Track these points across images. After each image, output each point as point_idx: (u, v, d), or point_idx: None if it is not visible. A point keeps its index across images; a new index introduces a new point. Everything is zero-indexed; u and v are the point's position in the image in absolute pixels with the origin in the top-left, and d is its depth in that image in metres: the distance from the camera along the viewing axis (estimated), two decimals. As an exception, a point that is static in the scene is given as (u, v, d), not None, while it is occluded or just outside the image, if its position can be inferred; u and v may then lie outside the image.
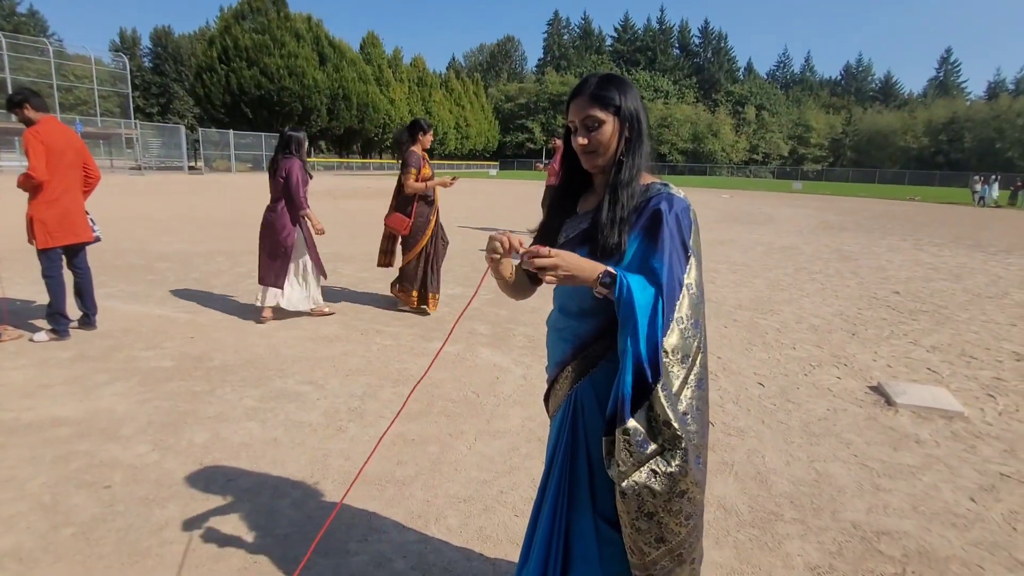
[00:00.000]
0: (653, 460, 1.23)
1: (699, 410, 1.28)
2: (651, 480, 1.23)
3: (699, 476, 1.28)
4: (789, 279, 7.76)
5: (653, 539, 1.28)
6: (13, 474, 2.62)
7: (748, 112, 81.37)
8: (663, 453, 1.24)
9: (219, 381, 3.75)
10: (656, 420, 1.23)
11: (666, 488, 1.24)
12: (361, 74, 49.68)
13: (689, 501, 1.27)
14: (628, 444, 1.22)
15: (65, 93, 41.33)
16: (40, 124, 4.14)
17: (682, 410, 1.25)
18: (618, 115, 1.35)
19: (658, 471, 1.23)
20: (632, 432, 1.22)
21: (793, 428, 3.34)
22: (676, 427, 1.22)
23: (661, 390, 1.22)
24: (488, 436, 3.12)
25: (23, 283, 5.69)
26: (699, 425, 1.28)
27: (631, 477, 1.23)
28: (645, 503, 1.24)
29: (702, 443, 1.29)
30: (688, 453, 1.24)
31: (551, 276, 1.23)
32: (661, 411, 1.22)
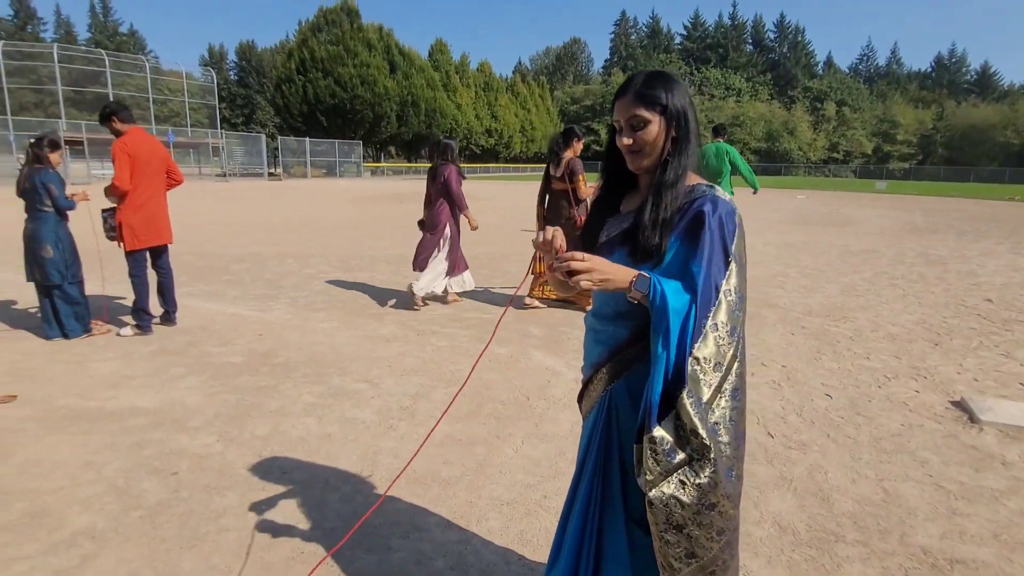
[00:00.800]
0: (681, 470, 1.19)
1: (733, 421, 1.22)
2: (679, 491, 1.19)
3: (731, 489, 1.22)
4: (866, 284, 7.31)
5: (683, 554, 1.23)
6: (94, 458, 2.83)
7: (828, 108, 77.38)
8: (692, 463, 1.19)
9: (283, 377, 3.92)
10: (683, 429, 1.19)
11: (695, 500, 1.19)
12: (429, 81, 50.82)
13: (720, 515, 1.22)
14: (655, 453, 1.19)
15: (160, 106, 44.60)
16: (126, 135, 4.48)
17: (713, 420, 1.20)
18: (664, 114, 1.32)
19: (687, 482, 1.19)
20: (659, 441, 1.19)
21: (862, 443, 3.14)
22: (704, 437, 1.17)
23: (687, 397, 1.18)
24: (536, 439, 3.11)
25: (114, 282, 6.16)
26: (732, 437, 1.22)
27: (659, 487, 1.19)
28: (673, 514, 1.20)
29: (736, 455, 1.23)
30: (719, 465, 1.19)
31: (585, 281, 1.21)
32: (688, 420, 1.18)
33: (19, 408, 3.39)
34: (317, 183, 33.47)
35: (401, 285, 6.80)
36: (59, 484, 2.61)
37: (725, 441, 1.21)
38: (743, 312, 1.27)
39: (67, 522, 2.34)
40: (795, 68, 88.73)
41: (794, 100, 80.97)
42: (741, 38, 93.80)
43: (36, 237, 4.55)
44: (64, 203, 4.57)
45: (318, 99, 42.86)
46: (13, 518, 2.36)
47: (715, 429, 1.20)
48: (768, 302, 6.23)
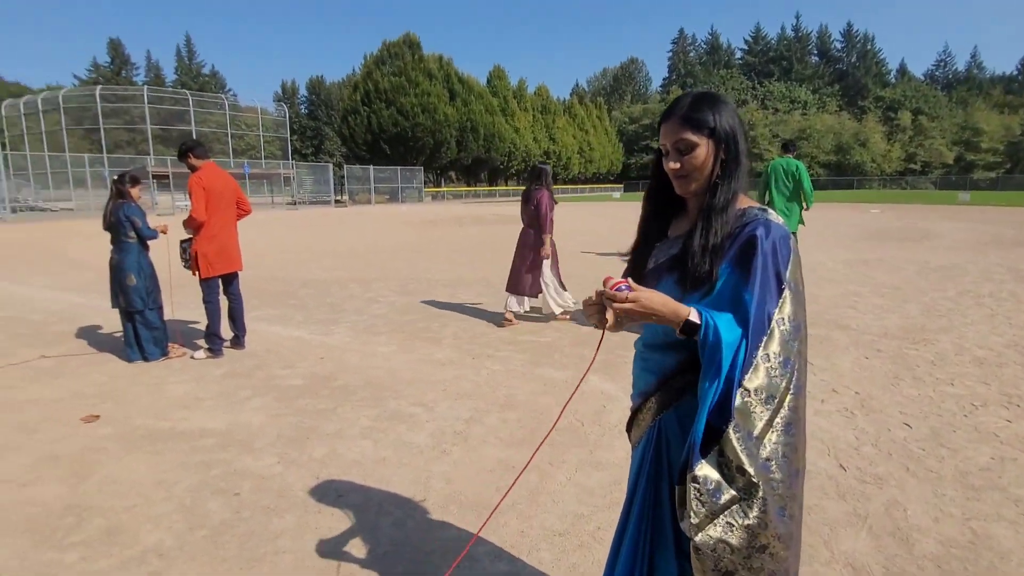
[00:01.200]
0: (728, 511, 1.13)
1: (786, 457, 1.15)
2: (727, 534, 1.12)
3: (783, 530, 1.14)
4: (949, 303, 6.82)
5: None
6: (165, 477, 2.97)
7: (902, 118, 73.57)
8: (739, 503, 1.13)
9: (341, 400, 4.02)
10: (728, 466, 1.13)
11: (744, 543, 1.12)
12: (488, 106, 51.88)
13: (772, 557, 1.14)
14: (699, 493, 1.13)
15: (237, 140, 47.40)
16: (202, 170, 4.77)
17: (764, 456, 1.13)
18: (712, 136, 1.29)
19: (735, 523, 1.12)
20: (702, 480, 1.13)
21: (946, 478, 2.89)
22: (751, 473, 1.11)
23: (733, 432, 1.12)
24: (590, 467, 3.04)
25: (189, 308, 6.53)
26: (785, 473, 1.15)
27: (705, 531, 1.13)
28: (722, 559, 1.13)
29: (789, 494, 1.16)
30: (768, 503, 1.12)
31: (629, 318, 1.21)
32: (733, 456, 1.12)
33: (102, 427, 3.61)
34: (380, 209, 34.59)
35: (458, 308, 6.88)
36: (133, 502, 2.75)
37: (777, 479, 1.14)
38: (800, 342, 1.20)
39: (139, 539, 2.46)
40: (865, 77, 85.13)
41: (865, 111, 77.54)
42: (806, 49, 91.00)
43: (121, 267, 4.88)
44: (148, 232, 4.91)
45: (381, 128, 44.48)
46: (91, 534, 2.50)
47: (766, 465, 1.13)
48: (839, 323, 5.91)
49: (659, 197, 1.46)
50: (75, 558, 2.33)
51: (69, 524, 2.57)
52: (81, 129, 40.44)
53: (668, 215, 1.47)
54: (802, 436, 1.20)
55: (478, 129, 49.55)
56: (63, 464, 3.13)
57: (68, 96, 37.93)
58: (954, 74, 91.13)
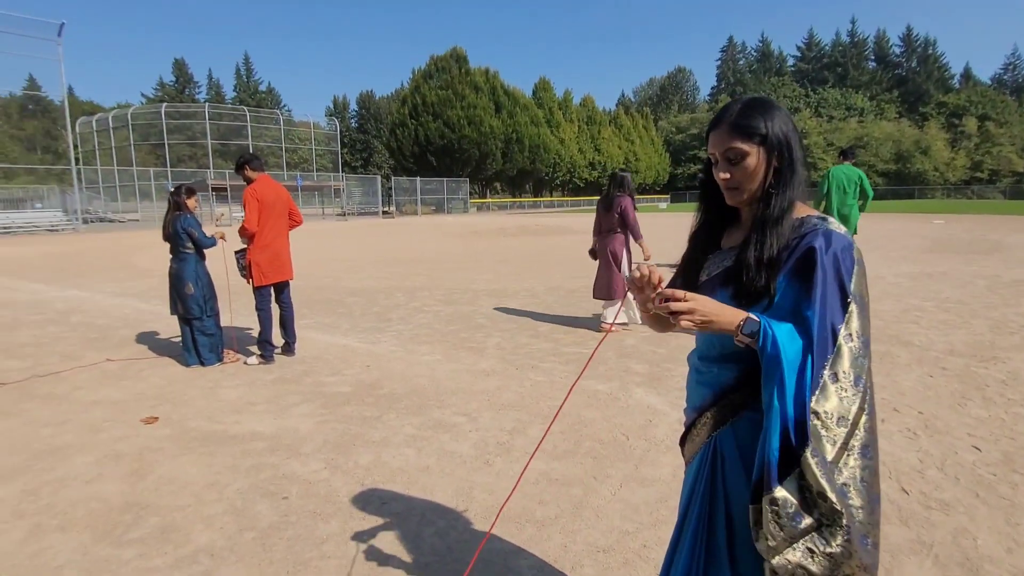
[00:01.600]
0: (808, 537, 1.07)
1: (864, 482, 1.09)
2: (807, 560, 1.07)
3: (868, 560, 1.08)
4: (1022, 320, 6.41)
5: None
6: (217, 479, 3.07)
7: (968, 124, 70.11)
8: (820, 529, 1.07)
9: (386, 408, 4.07)
10: (809, 491, 1.08)
11: (826, 571, 1.06)
12: (533, 118, 52.18)
13: None
14: (777, 516, 1.08)
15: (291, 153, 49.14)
16: (257, 182, 4.96)
17: (841, 481, 1.08)
18: (764, 144, 1.24)
19: (816, 550, 1.06)
20: (781, 503, 1.08)
21: (1020, 506, 2.70)
22: (834, 500, 1.05)
23: (811, 456, 1.07)
24: (635, 483, 2.97)
25: (243, 315, 6.76)
26: (865, 500, 1.09)
27: (783, 554, 1.08)
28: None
29: (870, 520, 1.09)
30: (852, 531, 1.06)
31: (686, 321, 1.15)
32: (814, 481, 1.07)
33: (160, 428, 3.76)
34: (426, 219, 35.14)
35: (502, 319, 6.89)
36: (187, 502, 2.84)
37: (857, 505, 1.08)
38: (868, 359, 1.14)
39: (191, 539, 2.53)
40: (926, 83, 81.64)
41: (927, 117, 74.25)
42: (862, 55, 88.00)
43: (179, 276, 5.10)
44: (206, 241, 5.13)
45: (428, 140, 45.30)
46: (147, 532, 2.59)
47: (844, 491, 1.07)
48: (902, 340, 5.64)
49: (711, 206, 1.42)
50: (132, 555, 2.42)
51: (128, 522, 2.68)
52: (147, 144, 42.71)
53: (721, 225, 1.42)
54: (879, 460, 1.14)
55: (523, 140, 49.86)
56: (124, 463, 3.27)
57: (136, 113, 40.24)
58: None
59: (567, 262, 12.64)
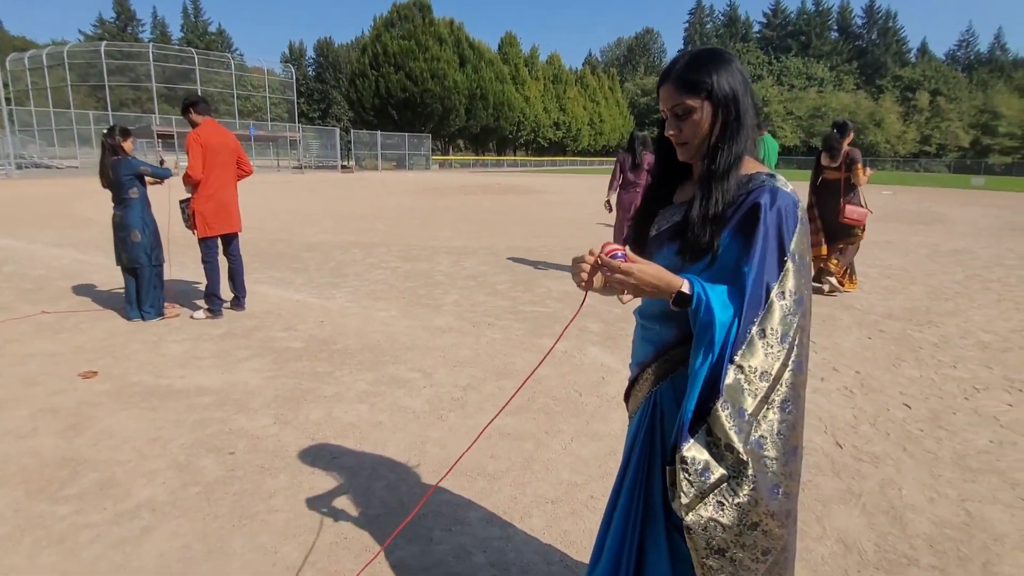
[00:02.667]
0: (719, 490, 1.10)
1: (781, 435, 1.11)
2: (718, 512, 1.09)
3: (776, 507, 1.11)
4: (957, 287, 6.74)
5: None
6: (160, 434, 2.98)
7: (920, 99, 72.13)
8: (729, 481, 1.10)
9: (339, 363, 4.01)
10: (717, 444, 1.10)
11: (735, 520, 1.09)
12: (498, 74, 51.01)
13: (764, 535, 1.12)
14: (687, 473, 1.10)
15: (244, 101, 46.93)
16: (201, 127, 4.69)
17: (759, 434, 1.10)
18: (710, 98, 1.20)
19: (725, 502, 1.09)
20: (690, 461, 1.10)
21: (943, 460, 2.87)
22: (740, 451, 1.08)
23: (721, 409, 1.09)
24: (586, 437, 3.03)
25: (191, 268, 6.50)
26: (780, 452, 1.11)
27: (696, 510, 1.10)
28: (714, 538, 1.10)
29: (785, 472, 1.12)
30: (759, 481, 1.09)
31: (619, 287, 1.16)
32: (722, 434, 1.09)
33: (99, 383, 3.62)
34: (387, 175, 34.34)
35: (461, 276, 6.83)
36: (128, 457, 2.75)
37: (771, 456, 1.10)
38: (802, 317, 1.15)
39: (132, 494, 2.47)
40: (884, 56, 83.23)
41: (882, 90, 76.01)
42: (826, 24, 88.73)
43: (124, 223, 4.83)
44: (161, 171, 4.93)
45: (389, 93, 43.84)
46: (84, 487, 2.51)
47: (760, 443, 1.10)
48: (844, 304, 5.85)
49: (665, 162, 1.40)
50: (68, 511, 2.35)
51: (64, 477, 2.58)
52: (86, 86, 40.10)
53: (675, 180, 1.41)
54: (800, 414, 1.16)
55: (488, 97, 48.82)
56: (61, 418, 3.14)
57: (73, 52, 37.48)
58: (976, 55, 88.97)
59: (529, 221, 12.60)
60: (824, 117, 68.93)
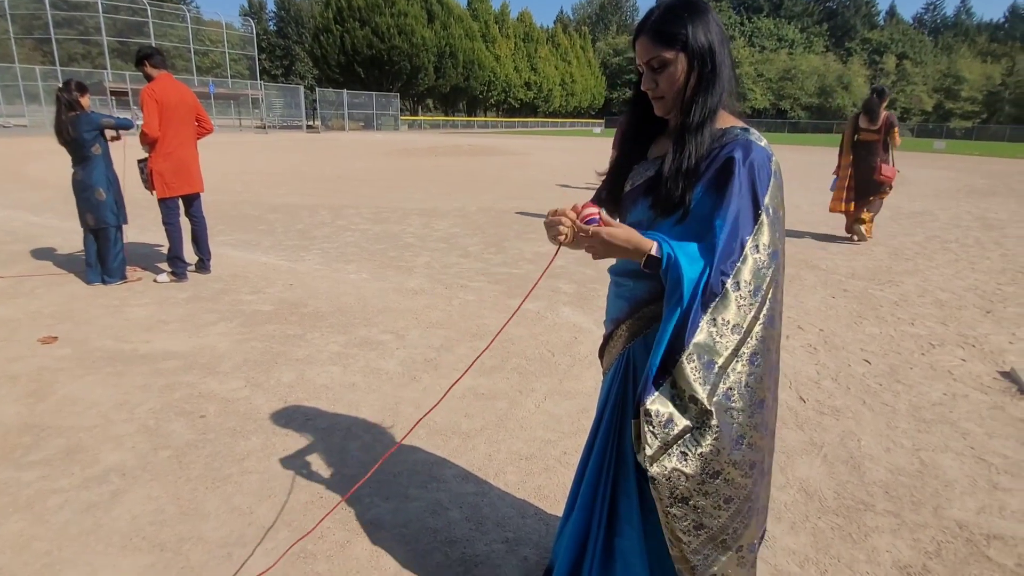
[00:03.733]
0: (682, 441, 1.12)
1: (749, 387, 1.13)
2: (681, 463, 1.12)
3: (738, 457, 1.14)
4: (916, 248, 6.95)
5: (691, 526, 1.17)
6: (127, 399, 2.92)
7: (887, 62, 72.84)
8: (692, 432, 1.12)
9: (310, 326, 3.96)
10: (681, 396, 1.12)
11: (698, 470, 1.12)
12: (468, 31, 49.69)
13: (727, 483, 1.15)
14: (651, 425, 1.12)
15: (201, 57, 44.86)
16: (156, 81, 4.47)
17: (727, 386, 1.11)
18: (686, 50, 1.18)
19: (688, 453, 1.12)
20: (654, 414, 1.12)
21: (900, 412, 3.00)
22: (703, 401, 1.10)
23: (687, 361, 1.10)
24: (558, 396, 3.07)
25: (152, 230, 6.29)
26: (747, 404, 1.14)
27: (660, 461, 1.12)
28: (677, 487, 1.13)
29: (750, 423, 1.15)
30: (723, 431, 1.11)
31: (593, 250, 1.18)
32: (686, 386, 1.10)
33: (60, 348, 3.51)
34: (354, 136, 33.47)
35: (432, 238, 6.76)
36: (94, 422, 2.70)
37: (738, 408, 1.13)
38: (776, 271, 1.16)
39: (100, 459, 2.42)
40: (854, 18, 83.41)
41: (851, 53, 76.48)
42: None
43: (87, 183, 4.58)
44: (124, 122, 4.72)
45: (356, 50, 42.40)
46: (50, 453, 2.45)
47: (728, 394, 1.12)
48: (809, 264, 5.99)
49: (640, 115, 1.37)
50: (34, 476, 2.30)
51: (27, 443, 2.52)
52: (31, 39, 37.73)
53: (650, 134, 1.39)
54: (768, 368, 1.18)
55: (457, 55, 47.64)
56: (20, 384, 3.05)
57: (15, 2, 35.07)
58: (942, 19, 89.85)
59: (500, 182, 12.47)
60: (793, 79, 69.33)
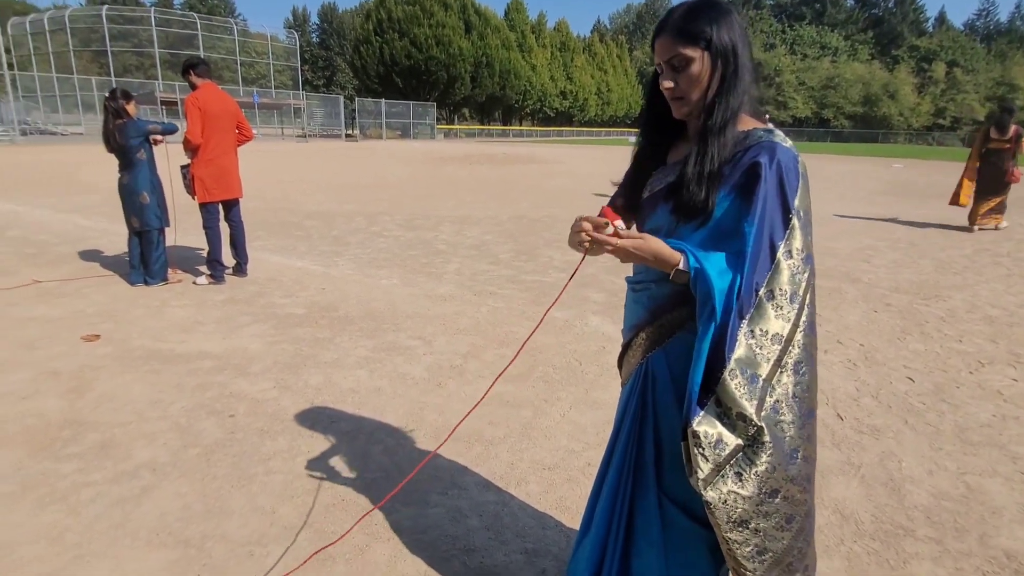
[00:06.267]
0: (735, 461, 1.07)
1: (796, 398, 1.08)
2: (737, 485, 1.07)
3: (795, 472, 1.09)
4: (966, 261, 6.66)
5: (754, 551, 1.11)
6: (161, 397, 2.99)
7: (936, 70, 70.39)
8: (745, 450, 1.07)
9: (340, 330, 4.01)
10: (728, 414, 1.07)
11: (756, 490, 1.07)
12: (504, 41, 50.07)
13: (786, 501, 1.10)
14: (700, 447, 1.07)
15: (247, 68, 46.33)
16: (200, 90, 4.61)
17: (774, 399, 1.07)
18: (709, 49, 1.14)
19: (743, 473, 1.07)
20: (702, 435, 1.07)
21: (944, 433, 2.86)
22: (753, 418, 1.05)
23: (730, 378, 1.05)
24: (584, 406, 3.03)
25: (194, 234, 6.48)
26: (796, 415, 1.09)
27: (714, 484, 1.07)
28: (735, 510, 1.08)
29: (800, 435, 1.10)
30: (776, 447, 1.06)
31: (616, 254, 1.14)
32: (731, 403, 1.05)
33: (101, 346, 3.63)
34: (391, 144, 34.02)
35: (463, 245, 6.79)
36: (128, 419, 2.77)
37: (788, 420, 1.08)
38: (810, 275, 1.11)
39: (132, 455, 2.48)
40: (901, 25, 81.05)
41: (898, 60, 74.18)
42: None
43: (133, 187, 4.75)
44: (170, 127, 4.91)
45: (394, 60, 43.19)
46: (86, 447, 2.53)
47: (776, 407, 1.07)
48: (851, 277, 5.79)
49: (657, 120, 1.33)
50: (70, 469, 2.37)
51: (66, 437, 2.60)
52: (89, 51, 39.60)
53: (668, 140, 1.35)
54: (814, 376, 1.13)
55: (493, 65, 48.01)
56: (62, 380, 3.16)
57: (74, 16, 36.93)
58: (996, 25, 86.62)
59: (533, 191, 12.48)
60: (837, 88, 67.57)
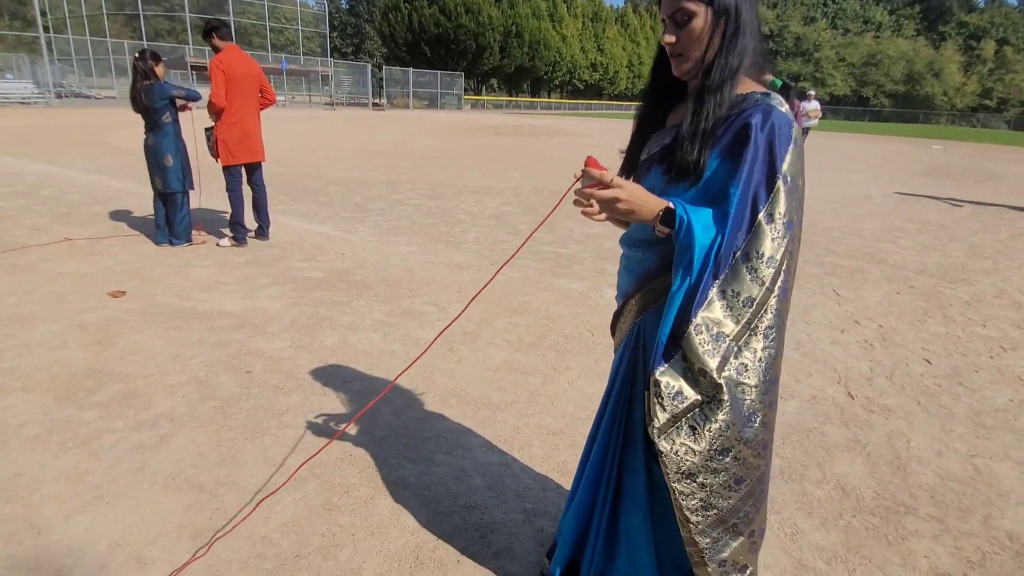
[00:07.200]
0: (692, 415, 1.08)
1: (762, 362, 1.09)
2: (690, 438, 1.09)
3: (750, 435, 1.10)
4: (998, 246, 6.46)
5: (699, 504, 1.14)
6: (182, 352, 3.09)
7: (985, 48, 67.32)
8: (703, 406, 1.08)
9: (357, 294, 4.07)
10: (691, 369, 1.08)
11: (707, 445, 1.09)
12: (535, 10, 49.07)
13: (736, 461, 1.11)
14: (660, 397, 1.08)
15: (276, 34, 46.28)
16: (223, 53, 4.64)
17: (740, 360, 1.07)
18: (712, 5, 1.12)
19: (697, 427, 1.08)
20: (663, 385, 1.08)
21: (957, 415, 2.82)
22: (713, 375, 1.05)
23: (695, 333, 1.06)
24: (593, 375, 3.05)
25: (218, 196, 6.59)
26: (761, 380, 1.09)
27: (668, 435, 1.09)
28: (684, 462, 1.10)
29: (763, 401, 1.10)
30: (734, 407, 1.07)
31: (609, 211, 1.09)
32: (695, 358, 1.06)
33: (127, 302, 3.75)
34: (418, 114, 33.88)
35: (483, 215, 6.79)
36: (150, 371, 2.87)
37: (751, 384, 1.08)
38: (791, 242, 1.09)
39: (152, 405, 2.58)
40: (950, 0, 77.48)
41: (945, 37, 71.07)
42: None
43: (158, 149, 4.85)
44: (193, 93, 4.93)
45: (423, 28, 42.68)
46: (109, 396, 2.63)
47: (740, 369, 1.07)
48: (876, 257, 5.67)
49: (661, 83, 1.31)
50: (93, 416, 2.47)
51: (90, 386, 2.71)
52: (122, 15, 39.90)
53: (669, 103, 1.33)
54: (782, 344, 1.13)
55: (523, 34, 47.17)
56: (89, 332, 3.28)
57: (107, -22, 37.17)
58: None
59: (557, 163, 12.37)
60: (879, 65, 65.11)
